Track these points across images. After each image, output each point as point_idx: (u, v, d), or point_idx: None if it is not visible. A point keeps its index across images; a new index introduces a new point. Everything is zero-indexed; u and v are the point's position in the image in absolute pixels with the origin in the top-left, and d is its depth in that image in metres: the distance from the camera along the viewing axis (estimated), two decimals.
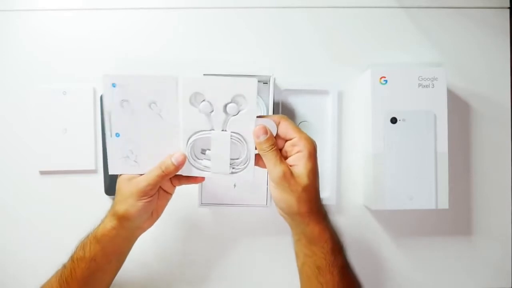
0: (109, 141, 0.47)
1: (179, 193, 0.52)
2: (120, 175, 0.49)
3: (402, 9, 0.64)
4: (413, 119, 0.58)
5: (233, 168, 0.47)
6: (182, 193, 0.52)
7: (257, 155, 0.46)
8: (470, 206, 0.64)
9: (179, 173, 0.47)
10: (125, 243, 0.50)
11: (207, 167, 0.47)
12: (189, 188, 0.51)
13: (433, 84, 0.58)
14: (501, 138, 0.64)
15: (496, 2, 0.64)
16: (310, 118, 0.62)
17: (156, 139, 0.47)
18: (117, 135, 0.47)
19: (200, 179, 0.50)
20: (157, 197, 0.49)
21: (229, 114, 0.46)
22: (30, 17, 0.64)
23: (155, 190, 0.47)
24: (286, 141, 0.46)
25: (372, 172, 0.58)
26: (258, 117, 0.45)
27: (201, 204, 0.60)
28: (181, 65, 0.63)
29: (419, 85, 0.58)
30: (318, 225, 0.45)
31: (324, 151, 0.62)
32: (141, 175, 0.47)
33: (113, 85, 0.46)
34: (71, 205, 0.63)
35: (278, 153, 0.45)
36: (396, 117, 0.58)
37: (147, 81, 0.46)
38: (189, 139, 0.47)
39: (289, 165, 0.44)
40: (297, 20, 0.64)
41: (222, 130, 0.46)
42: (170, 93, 0.46)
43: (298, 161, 0.44)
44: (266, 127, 0.45)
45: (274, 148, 0.44)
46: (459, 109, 0.63)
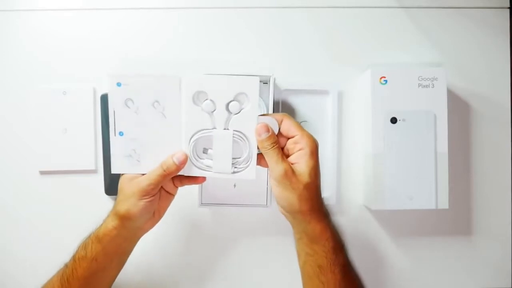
0: (113, 140, 0.48)
1: (179, 193, 0.52)
2: (122, 174, 0.49)
3: (402, 9, 0.64)
4: (413, 119, 0.58)
5: (235, 167, 0.47)
6: (182, 193, 0.52)
7: (258, 155, 0.46)
8: (470, 206, 0.64)
9: (180, 173, 0.47)
10: (126, 243, 0.50)
11: (209, 166, 0.47)
12: (189, 188, 0.51)
13: (433, 84, 0.58)
14: (501, 138, 0.64)
15: (496, 2, 0.64)
16: (310, 118, 0.62)
17: (159, 138, 0.47)
18: (121, 134, 0.47)
19: (201, 179, 0.49)
20: (158, 197, 0.49)
21: (231, 113, 0.46)
22: (30, 17, 0.64)
23: (156, 189, 0.47)
24: (288, 139, 0.46)
25: (372, 172, 0.58)
26: (260, 115, 0.46)
27: (201, 204, 0.60)
28: (181, 65, 0.63)
29: (419, 85, 0.58)
30: (320, 224, 0.45)
31: (324, 151, 0.62)
32: (143, 174, 0.47)
33: (118, 84, 0.46)
34: (71, 205, 0.63)
35: (280, 151, 0.45)
36: (396, 117, 0.58)
37: (150, 80, 0.46)
38: (191, 138, 0.47)
39: (291, 163, 0.45)
40: (297, 20, 0.64)
41: (224, 129, 0.46)
42: (173, 92, 0.46)
43: (300, 159, 0.44)
44: (268, 125, 0.45)
45: (275, 146, 0.45)
46: (459, 109, 0.63)
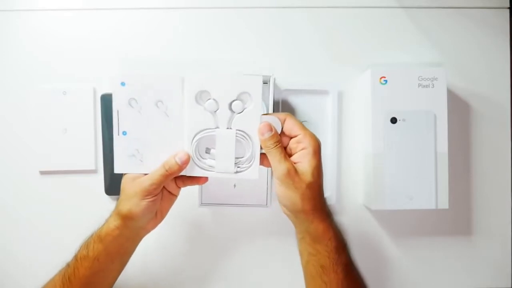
0: (116, 139, 0.48)
1: (180, 193, 0.52)
2: (125, 174, 0.49)
3: (402, 9, 0.64)
4: (413, 119, 0.58)
5: (237, 167, 0.47)
6: (182, 193, 0.52)
7: (261, 154, 0.47)
8: (470, 206, 0.64)
9: (183, 173, 0.47)
10: (128, 243, 0.50)
11: (211, 166, 0.47)
12: (189, 188, 0.51)
13: (433, 84, 0.58)
14: (501, 138, 0.64)
15: (496, 2, 0.64)
16: (310, 118, 0.62)
17: (162, 138, 0.48)
18: (124, 133, 0.48)
19: (204, 180, 0.49)
20: (161, 197, 0.49)
21: (234, 112, 0.46)
22: (30, 17, 0.64)
23: (159, 189, 0.47)
24: (291, 138, 0.46)
25: (372, 172, 0.58)
26: (263, 114, 0.46)
27: (201, 204, 0.60)
28: (181, 65, 0.63)
29: (419, 85, 0.58)
30: (322, 223, 0.45)
31: (324, 151, 0.60)
32: (146, 174, 0.47)
33: (122, 84, 0.46)
34: (71, 205, 0.63)
35: (283, 150, 0.45)
36: (396, 117, 0.58)
37: (154, 80, 0.47)
38: (193, 138, 0.47)
39: (294, 162, 0.45)
40: (297, 20, 0.64)
41: (227, 128, 0.46)
42: (176, 91, 0.46)
43: (303, 158, 0.44)
44: (271, 124, 0.45)
45: (278, 145, 0.45)
46: (459, 109, 0.63)
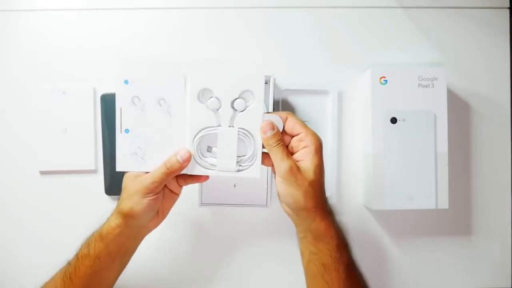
0: (119, 137, 0.48)
1: (181, 191, 0.52)
2: (126, 173, 0.49)
3: (402, 9, 0.64)
4: (413, 119, 0.58)
5: (239, 165, 0.47)
6: (182, 193, 0.52)
7: (262, 153, 0.47)
8: (470, 206, 0.64)
9: (184, 172, 0.47)
10: (129, 242, 0.50)
11: (213, 165, 0.47)
12: (189, 188, 0.51)
13: (433, 84, 0.58)
14: (501, 138, 0.64)
15: (496, 2, 0.64)
16: (310, 118, 0.62)
17: (164, 136, 0.48)
18: (127, 131, 0.48)
19: (205, 177, 0.50)
20: (162, 195, 0.49)
21: (236, 110, 0.46)
22: (30, 17, 0.64)
23: (160, 187, 0.47)
24: (292, 137, 0.46)
25: (372, 172, 0.58)
26: (265, 113, 0.46)
27: (201, 204, 0.60)
28: (181, 66, 0.63)
29: (419, 85, 0.58)
30: (324, 221, 0.45)
31: (324, 151, 0.60)
32: (147, 173, 0.47)
33: (126, 82, 0.47)
34: (71, 205, 0.63)
35: (285, 148, 0.45)
36: (396, 117, 0.58)
37: (157, 78, 0.47)
38: (195, 136, 0.47)
39: (296, 160, 0.45)
40: (297, 20, 0.64)
41: (229, 126, 0.47)
42: (179, 90, 0.47)
43: (305, 156, 0.45)
44: (273, 122, 0.45)
45: (280, 143, 0.45)
46: (459, 109, 0.63)
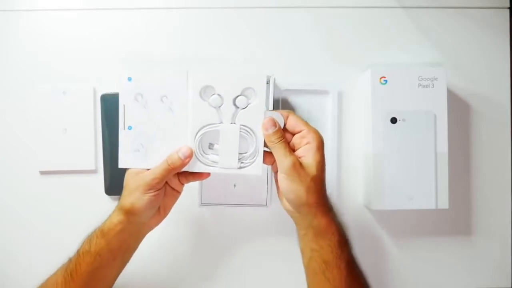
0: (122, 134, 0.48)
1: (183, 189, 0.52)
2: (128, 170, 0.49)
3: (402, 9, 0.64)
4: (413, 119, 0.58)
5: (241, 162, 0.47)
6: (182, 193, 0.52)
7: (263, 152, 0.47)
8: (470, 206, 0.64)
9: (186, 169, 0.47)
10: (131, 239, 0.50)
11: (214, 162, 0.48)
12: (189, 188, 0.51)
13: (433, 84, 0.58)
14: (501, 138, 0.64)
15: (496, 2, 0.64)
16: (310, 118, 0.62)
17: (166, 133, 0.48)
18: (130, 128, 0.48)
19: (206, 175, 0.50)
20: (163, 192, 0.49)
21: (238, 107, 0.47)
22: (30, 17, 0.63)
23: (161, 184, 0.47)
24: (294, 135, 0.47)
25: (372, 172, 0.58)
26: (266, 110, 0.47)
27: (201, 204, 0.60)
28: (181, 65, 0.63)
29: (419, 85, 0.58)
30: (325, 217, 0.45)
31: (324, 151, 0.62)
32: (149, 169, 0.48)
33: (129, 79, 0.48)
34: (71, 205, 0.63)
35: (287, 145, 0.46)
36: (396, 117, 0.58)
37: (160, 75, 0.48)
38: (197, 133, 0.47)
39: (298, 156, 0.45)
40: (297, 20, 0.64)
41: (231, 123, 0.47)
42: (181, 87, 0.47)
43: (307, 153, 0.45)
44: (275, 119, 0.46)
45: (282, 140, 0.46)
46: (459, 109, 0.63)
